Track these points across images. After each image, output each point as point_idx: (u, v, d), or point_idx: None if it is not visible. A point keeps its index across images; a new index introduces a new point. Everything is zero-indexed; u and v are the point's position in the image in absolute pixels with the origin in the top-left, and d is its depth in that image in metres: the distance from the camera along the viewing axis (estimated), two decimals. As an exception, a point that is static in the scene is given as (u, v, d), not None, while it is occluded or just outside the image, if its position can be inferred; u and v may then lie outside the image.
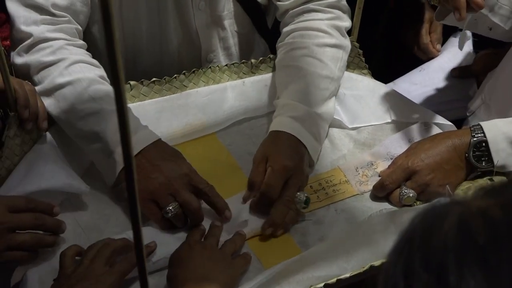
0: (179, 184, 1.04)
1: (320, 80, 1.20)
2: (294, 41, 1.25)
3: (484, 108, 1.33)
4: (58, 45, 1.13)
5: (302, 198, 1.07)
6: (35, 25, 1.12)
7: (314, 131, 1.15)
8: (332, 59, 1.23)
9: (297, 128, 1.13)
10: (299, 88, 1.19)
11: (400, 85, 1.57)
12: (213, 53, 1.35)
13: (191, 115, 1.23)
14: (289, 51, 1.25)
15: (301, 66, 1.21)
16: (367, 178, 1.17)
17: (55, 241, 1.00)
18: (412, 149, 1.15)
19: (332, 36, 1.25)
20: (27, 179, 1.05)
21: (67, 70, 1.11)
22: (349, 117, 1.28)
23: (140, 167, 1.04)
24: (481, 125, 1.11)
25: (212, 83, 1.28)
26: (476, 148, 1.10)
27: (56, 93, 1.10)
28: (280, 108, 1.18)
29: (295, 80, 1.20)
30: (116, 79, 0.46)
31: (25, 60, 1.13)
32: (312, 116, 1.16)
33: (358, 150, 1.24)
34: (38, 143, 1.13)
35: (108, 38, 0.45)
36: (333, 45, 1.25)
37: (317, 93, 1.19)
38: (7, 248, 0.95)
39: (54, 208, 1.02)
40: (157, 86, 1.24)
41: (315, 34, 1.24)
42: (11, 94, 1.04)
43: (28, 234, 0.97)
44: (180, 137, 1.20)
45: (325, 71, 1.21)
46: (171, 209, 1.02)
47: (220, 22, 1.33)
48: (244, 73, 1.31)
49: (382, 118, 1.29)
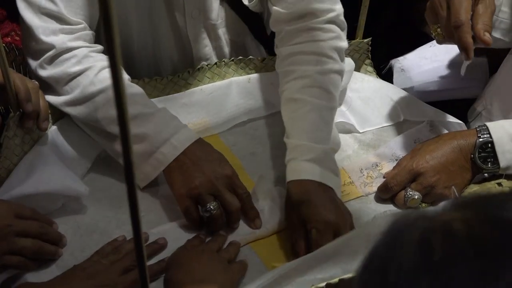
0: (221, 184, 1.04)
1: (327, 113, 1.14)
2: (295, 68, 1.17)
3: (485, 113, 1.32)
4: (82, 54, 1.12)
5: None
6: (54, 35, 1.11)
7: (333, 168, 1.10)
8: (335, 87, 1.17)
9: (318, 172, 1.07)
10: (308, 126, 1.12)
11: (410, 59, 1.54)
12: (207, 61, 1.32)
13: (193, 114, 1.23)
14: (291, 81, 1.17)
15: (307, 99, 1.14)
16: (372, 179, 1.16)
17: (56, 252, 1.00)
18: (417, 150, 1.14)
19: (335, 61, 1.17)
20: (26, 182, 1.04)
21: (97, 78, 1.10)
22: (359, 121, 1.27)
23: (183, 166, 1.05)
24: (487, 126, 1.10)
25: (217, 78, 1.27)
26: (482, 149, 1.09)
27: (89, 102, 1.10)
28: (292, 150, 1.11)
29: (302, 116, 1.14)
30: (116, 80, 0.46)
31: (51, 73, 1.12)
32: (327, 153, 1.10)
33: (363, 151, 1.23)
34: (38, 143, 1.13)
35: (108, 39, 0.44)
36: (336, 71, 1.17)
37: (326, 128, 1.13)
38: (9, 251, 0.95)
39: (54, 224, 1.04)
40: (159, 84, 1.23)
41: (316, 60, 1.16)
42: (11, 90, 1.02)
43: (30, 240, 0.97)
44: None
45: (331, 102, 1.15)
46: (212, 208, 1.03)
47: (214, 31, 1.30)
48: (251, 68, 1.30)
49: (392, 118, 1.28)
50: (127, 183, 0.51)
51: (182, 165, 1.06)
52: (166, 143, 1.06)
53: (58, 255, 1.01)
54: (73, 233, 1.05)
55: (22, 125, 1.07)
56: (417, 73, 1.53)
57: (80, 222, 1.07)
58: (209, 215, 1.03)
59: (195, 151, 1.07)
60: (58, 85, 1.12)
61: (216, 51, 1.33)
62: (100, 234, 1.05)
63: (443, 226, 0.50)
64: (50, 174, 1.05)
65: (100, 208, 1.10)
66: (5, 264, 0.95)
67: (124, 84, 0.45)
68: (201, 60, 1.31)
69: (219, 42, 1.32)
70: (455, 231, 0.49)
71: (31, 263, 0.98)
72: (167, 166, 1.07)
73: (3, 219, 0.95)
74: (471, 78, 1.49)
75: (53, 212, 1.06)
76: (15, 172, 1.08)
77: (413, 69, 1.52)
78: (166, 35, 1.28)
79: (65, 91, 1.12)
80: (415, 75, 1.52)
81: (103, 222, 1.08)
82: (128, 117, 0.47)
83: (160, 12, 1.24)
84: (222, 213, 1.04)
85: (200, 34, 1.28)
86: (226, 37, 1.33)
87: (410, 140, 1.22)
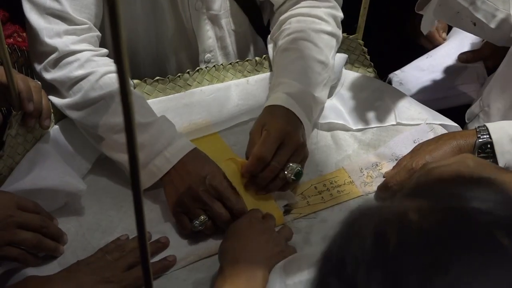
0: (208, 198, 1.05)
1: (315, 64, 1.21)
2: (290, 26, 1.27)
3: (483, 115, 1.32)
4: (85, 58, 1.12)
5: (294, 168, 1.08)
6: (58, 37, 1.11)
7: (308, 110, 1.16)
8: (327, 45, 1.25)
9: (292, 103, 1.14)
10: (295, 68, 1.21)
11: (408, 72, 1.56)
12: (211, 53, 1.34)
13: (195, 114, 1.24)
14: (286, 36, 1.26)
15: (297, 48, 1.23)
16: (372, 179, 1.17)
17: (56, 248, 1.01)
18: (417, 150, 1.14)
19: (329, 24, 1.27)
20: (26, 178, 1.04)
21: (98, 84, 1.10)
22: (353, 119, 1.28)
23: (174, 181, 1.07)
24: (487, 126, 1.10)
25: (216, 81, 1.28)
26: (481, 150, 1.09)
27: (89, 108, 1.10)
28: (276, 86, 1.19)
29: (291, 61, 1.22)
30: (122, 81, 0.46)
31: (54, 76, 1.12)
32: (307, 94, 1.17)
33: (363, 150, 1.23)
34: (40, 141, 1.13)
35: (115, 40, 0.45)
36: (329, 32, 1.26)
37: (312, 76, 1.20)
38: (9, 243, 0.95)
39: (54, 220, 1.04)
40: (160, 85, 1.24)
41: (311, 20, 1.26)
42: (14, 90, 1.03)
43: (31, 233, 0.97)
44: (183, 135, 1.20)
45: (321, 56, 1.23)
46: (199, 223, 1.04)
47: (217, 22, 1.32)
48: (248, 71, 1.31)
49: (387, 120, 1.28)
50: (132, 183, 0.51)
51: (173, 179, 1.07)
52: (160, 155, 1.07)
53: (59, 253, 1.01)
54: (75, 232, 1.05)
55: (24, 123, 1.08)
56: (415, 85, 1.55)
57: (82, 221, 1.07)
58: (200, 229, 1.05)
59: (187, 165, 1.07)
60: (62, 88, 1.13)
61: (220, 43, 1.35)
62: (102, 233, 1.06)
63: (398, 217, 0.49)
64: (49, 170, 1.06)
65: (103, 207, 1.10)
66: (5, 255, 0.95)
67: (131, 91, 0.45)
68: (205, 52, 1.33)
69: (222, 33, 1.34)
70: (409, 222, 0.48)
71: (30, 257, 0.98)
72: (161, 179, 1.08)
73: (5, 209, 0.95)
74: (469, 84, 1.51)
75: (56, 211, 1.07)
76: (16, 170, 1.08)
77: (411, 81, 1.54)
78: (170, 29, 1.29)
79: (69, 95, 1.12)
80: (414, 87, 1.54)
81: (105, 221, 1.08)
82: (135, 119, 0.48)
83: (164, 6, 1.25)
84: (212, 224, 1.05)
85: (204, 25, 1.30)
86: (228, 28, 1.34)
87: (410, 140, 1.22)
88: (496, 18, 1.18)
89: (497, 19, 1.18)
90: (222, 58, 1.37)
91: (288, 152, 1.09)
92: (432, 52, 1.62)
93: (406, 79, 1.57)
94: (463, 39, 1.55)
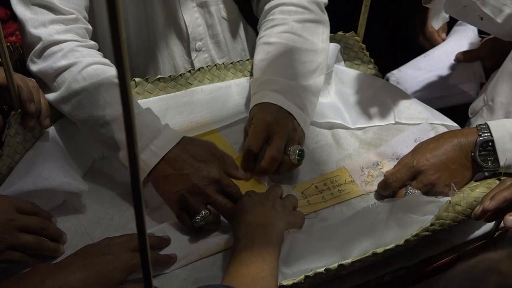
0: (211, 190, 1.03)
1: (301, 54, 1.22)
2: (274, 17, 1.28)
3: (487, 109, 1.32)
4: (69, 48, 1.10)
5: (295, 149, 1.11)
6: (43, 26, 1.09)
7: (298, 102, 1.17)
8: (313, 33, 1.26)
9: (280, 99, 1.15)
10: (278, 64, 1.21)
11: (405, 71, 1.58)
12: (201, 41, 1.33)
13: (196, 112, 1.24)
14: (269, 28, 1.27)
15: (280, 42, 1.24)
16: (373, 178, 1.17)
17: (56, 249, 1.00)
18: (418, 148, 1.14)
19: (311, 12, 1.28)
20: (26, 178, 1.04)
21: (81, 75, 1.08)
22: (352, 117, 1.28)
23: (167, 176, 1.03)
24: (488, 124, 1.10)
25: (217, 80, 1.28)
26: (482, 148, 1.09)
27: (73, 101, 1.08)
28: (259, 84, 1.19)
29: (274, 57, 1.22)
30: (122, 80, 0.46)
31: (39, 68, 1.10)
32: (294, 88, 1.18)
33: (364, 150, 1.23)
34: (39, 140, 1.13)
35: (114, 37, 0.44)
36: (313, 20, 1.27)
37: (299, 67, 1.21)
38: (11, 246, 0.95)
39: (53, 218, 1.04)
40: (162, 83, 1.24)
41: (294, 10, 1.27)
42: (13, 90, 1.03)
43: (32, 236, 0.97)
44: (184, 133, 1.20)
45: (306, 45, 1.23)
46: (201, 218, 1.02)
47: (207, 8, 1.31)
48: (249, 70, 1.31)
49: (387, 119, 1.28)
50: (132, 183, 0.51)
51: (166, 174, 1.03)
52: (146, 149, 1.03)
53: (60, 253, 1.01)
54: (75, 231, 1.05)
55: (25, 124, 1.07)
56: (412, 84, 1.55)
57: (82, 220, 1.07)
58: (201, 225, 1.03)
59: (178, 157, 1.03)
60: (48, 80, 1.10)
61: (210, 30, 1.34)
62: (102, 231, 1.06)
63: None
64: (49, 170, 1.05)
65: (102, 205, 1.10)
66: (7, 259, 0.95)
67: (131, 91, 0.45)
68: (195, 40, 1.32)
69: (212, 20, 1.33)
70: None
71: (31, 260, 0.98)
72: (150, 175, 1.04)
73: (5, 214, 0.94)
74: (466, 83, 1.51)
75: (55, 210, 1.07)
76: (16, 169, 1.08)
77: (408, 80, 1.55)
78: (161, 18, 1.28)
79: (54, 88, 1.10)
80: (411, 86, 1.55)
81: (105, 219, 1.08)
82: (134, 118, 0.48)
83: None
84: (215, 216, 1.04)
85: (193, 13, 1.29)
86: (218, 15, 1.33)
87: (411, 139, 1.22)
88: (503, 13, 1.18)
89: (504, 14, 1.18)
90: (213, 47, 1.36)
91: (282, 138, 1.11)
92: (429, 52, 1.63)
93: (403, 79, 1.58)
94: (461, 39, 1.55)
